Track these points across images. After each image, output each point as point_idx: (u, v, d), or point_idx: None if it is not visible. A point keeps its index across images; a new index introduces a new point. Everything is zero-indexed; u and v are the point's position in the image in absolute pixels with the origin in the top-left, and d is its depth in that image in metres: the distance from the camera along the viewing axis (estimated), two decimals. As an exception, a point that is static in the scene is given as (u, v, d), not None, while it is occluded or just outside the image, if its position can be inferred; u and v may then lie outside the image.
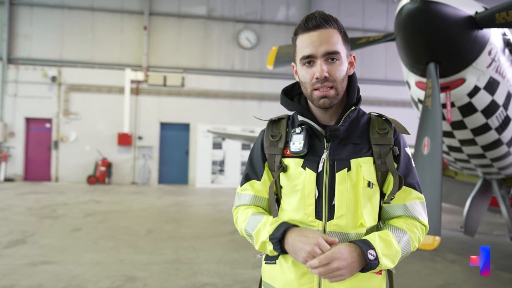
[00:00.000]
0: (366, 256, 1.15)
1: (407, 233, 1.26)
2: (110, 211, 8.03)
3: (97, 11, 13.27)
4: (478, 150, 3.99)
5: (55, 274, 4.20)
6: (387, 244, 1.20)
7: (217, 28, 13.97)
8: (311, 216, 1.26)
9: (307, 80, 1.25)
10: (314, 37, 1.22)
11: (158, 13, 13.55)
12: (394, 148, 1.28)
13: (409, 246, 1.26)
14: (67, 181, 12.94)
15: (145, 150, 13.37)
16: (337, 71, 1.23)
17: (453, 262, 5.14)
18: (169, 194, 11.20)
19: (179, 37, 13.71)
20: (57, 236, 5.89)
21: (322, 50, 1.21)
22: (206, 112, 13.65)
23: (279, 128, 1.37)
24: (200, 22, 13.87)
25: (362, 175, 1.25)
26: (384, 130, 1.30)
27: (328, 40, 1.22)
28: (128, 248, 5.33)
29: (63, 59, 13.09)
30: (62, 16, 13.09)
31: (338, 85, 1.24)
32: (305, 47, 1.23)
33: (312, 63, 1.23)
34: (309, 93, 1.26)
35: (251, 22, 14.15)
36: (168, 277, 4.24)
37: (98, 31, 13.28)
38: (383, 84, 14.65)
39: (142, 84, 13.34)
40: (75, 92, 13.05)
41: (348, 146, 1.28)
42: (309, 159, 1.28)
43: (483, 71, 3.28)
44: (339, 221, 1.24)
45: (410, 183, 1.31)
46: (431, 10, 2.89)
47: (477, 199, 5.06)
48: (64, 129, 13.02)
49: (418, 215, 1.31)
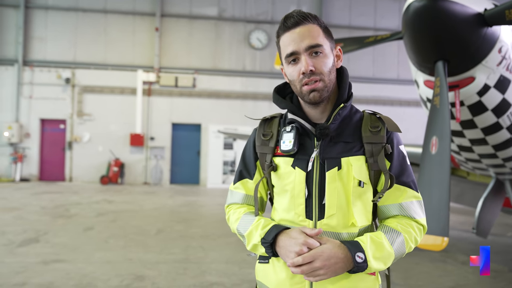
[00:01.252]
0: (354, 259, 1.14)
1: (401, 234, 1.23)
2: (122, 211, 8.12)
3: (110, 13, 13.44)
4: (490, 150, 3.92)
5: (66, 273, 4.27)
6: (379, 247, 1.18)
7: (228, 29, 14.02)
8: (302, 216, 1.25)
9: (294, 78, 1.24)
10: (295, 34, 1.22)
11: (169, 14, 13.65)
12: (386, 146, 1.25)
13: (404, 247, 1.24)
14: (80, 181, 13.13)
15: (157, 150, 13.48)
16: (323, 64, 1.22)
17: (464, 263, 5.06)
18: (181, 194, 11.27)
19: (190, 38, 13.79)
20: (70, 235, 5.98)
21: (304, 45, 1.20)
22: (217, 112, 13.71)
23: (271, 127, 1.36)
24: (211, 23, 13.93)
25: (352, 174, 1.23)
26: (377, 128, 1.27)
27: (308, 34, 1.21)
28: (138, 247, 5.39)
29: (77, 61, 13.29)
30: (76, 18, 13.30)
31: (326, 77, 1.22)
32: (287, 46, 1.23)
33: (297, 60, 1.23)
34: (298, 89, 1.25)
35: (262, 22, 14.16)
36: (176, 276, 4.26)
37: (111, 33, 13.45)
38: (396, 84, 14.49)
39: (154, 85, 13.46)
40: (88, 93, 13.25)
41: (339, 145, 1.26)
42: (299, 158, 1.27)
43: (493, 69, 3.22)
44: (330, 220, 1.23)
45: (405, 182, 1.28)
46: (438, 8, 2.85)
47: (490, 200, 4.97)
48: (77, 130, 13.22)
49: (414, 214, 1.28)
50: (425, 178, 3.02)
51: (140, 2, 13.54)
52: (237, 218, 1.35)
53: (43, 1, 13.21)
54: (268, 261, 1.31)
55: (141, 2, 13.54)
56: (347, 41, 4.34)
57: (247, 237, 1.29)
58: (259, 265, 1.36)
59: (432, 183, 2.96)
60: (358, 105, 13.56)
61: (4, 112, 13.03)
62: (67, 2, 13.27)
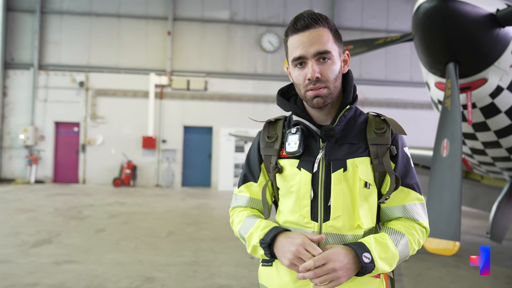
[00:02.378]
0: (361, 259, 1.12)
1: (405, 236, 1.22)
2: (133, 213, 8.19)
3: (123, 17, 13.61)
4: (503, 153, 3.84)
5: (77, 274, 4.32)
6: (384, 247, 1.17)
7: (239, 32, 14.07)
8: (307, 218, 1.24)
9: (300, 82, 1.24)
10: (304, 38, 1.20)
11: (181, 18, 13.77)
12: (391, 147, 1.25)
13: (407, 249, 1.22)
14: (93, 183, 13.28)
15: (169, 153, 13.58)
16: (329, 71, 1.21)
17: (477, 268, 4.95)
18: (192, 196, 11.32)
19: (202, 42, 13.87)
20: (82, 236, 6.05)
21: (312, 50, 1.19)
22: (229, 115, 13.74)
23: (276, 129, 1.36)
24: (223, 26, 14.00)
25: (358, 176, 1.23)
26: (382, 129, 1.27)
27: (318, 40, 1.19)
28: (148, 249, 5.42)
29: (91, 65, 13.48)
30: (90, 23, 13.50)
31: (331, 84, 1.22)
32: (295, 48, 1.22)
33: (304, 64, 1.22)
34: (302, 94, 1.25)
35: (273, 25, 14.17)
36: (185, 279, 4.28)
37: (124, 36, 13.61)
38: (409, 86, 14.34)
39: (166, 88, 13.57)
40: (101, 97, 13.42)
41: (344, 146, 1.26)
42: (304, 159, 1.26)
43: (506, 71, 3.16)
44: (335, 222, 1.22)
45: (409, 184, 1.27)
46: (449, 8, 2.81)
47: (504, 204, 4.87)
48: (91, 132, 13.39)
49: (418, 216, 1.27)
50: (436, 181, 2.97)
51: (153, 6, 13.68)
52: (240, 220, 1.35)
53: (58, 6, 13.45)
54: (272, 264, 1.30)
55: (154, 6, 13.68)
56: (356, 43, 4.31)
57: (248, 239, 1.29)
58: (262, 268, 1.35)
59: (443, 187, 2.91)
60: (370, 107, 13.50)
61: (19, 115, 13.27)
62: (82, 7, 13.48)
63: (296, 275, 1.22)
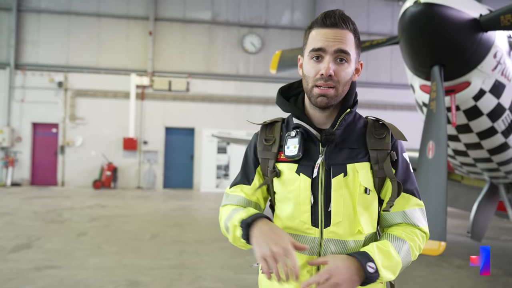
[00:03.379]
0: (365, 269, 1.10)
1: (406, 242, 1.21)
2: (115, 216, 8.05)
3: (103, 17, 13.38)
4: (484, 154, 3.94)
5: (59, 279, 4.20)
6: (387, 256, 1.16)
7: (221, 33, 14.02)
8: (307, 224, 1.22)
9: (311, 75, 1.21)
10: (329, 33, 1.19)
11: (163, 18, 13.62)
12: (391, 153, 1.24)
13: (409, 255, 1.22)
14: (73, 185, 13.00)
15: (150, 154, 13.41)
16: (343, 73, 1.20)
17: (459, 267, 5.08)
18: (174, 198, 11.20)
19: (184, 42, 13.77)
20: (62, 240, 5.90)
21: (334, 47, 1.18)
22: (211, 116, 13.67)
23: (273, 131, 1.33)
24: (205, 27, 13.92)
25: (358, 181, 1.21)
26: (381, 134, 1.26)
27: (342, 39, 1.18)
28: (132, 253, 5.33)
29: (70, 65, 13.19)
30: (68, 22, 13.21)
31: (340, 87, 1.20)
32: (317, 40, 1.19)
33: (321, 59, 1.20)
34: (309, 88, 1.22)
35: (255, 26, 14.18)
36: (171, 282, 4.22)
37: (104, 36, 13.38)
38: (389, 88, 14.57)
39: (147, 89, 13.40)
40: (81, 97, 13.14)
41: (344, 151, 1.24)
42: (303, 164, 1.24)
43: (489, 74, 3.24)
44: (336, 228, 1.21)
45: (409, 189, 1.27)
46: (435, 13, 2.86)
47: (484, 204, 4.99)
48: (70, 134, 13.10)
49: (418, 222, 1.26)
50: (422, 182, 3.01)
51: (134, 6, 13.49)
52: (227, 212, 1.30)
53: (35, 4, 13.11)
54: (273, 271, 1.28)
55: (135, 6, 13.49)
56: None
57: (231, 224, 1.23)
58: (262, 275, 1.33)
59: (429, 188, 2.96)
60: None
61: (-5, 116, 12.89)
62: (60, 6, 13.17)
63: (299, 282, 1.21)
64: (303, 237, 1.24)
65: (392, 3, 14.85)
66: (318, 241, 1.22)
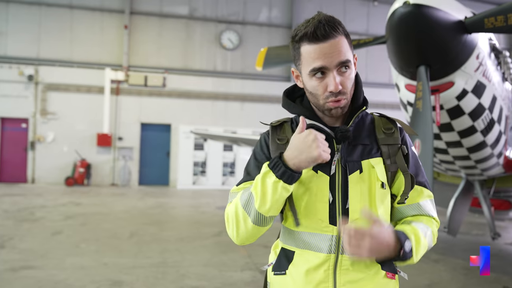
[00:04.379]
0: (404, 247, 1.13)
1: (429, 228, 1.27)
2: (91, 214, 7.85)
3: (76, 9, 12.96)
4: (464, 152, 4.07)
5: (37, 280, 4.06)
6: (417, 238, 1.19)
7: (199, 29, 13.87)
8: (325, 222, 1.22)
9: (319, 93, 1.20)
10: (326, 49, 1.15)
11: (139, 12, 13.34)
12: (402, 147, 1.27)
13: (431, 241, 1.27)
14: (43, 182, 12.56)
15: (125, 151, 13.14)
16: (348, 81, 1.20)
17: (437, 262, 5.24)
18: (150, 195, 11.03)
19: (160, 37, 13.53)
20: (37, 239, 5.70)
21: (335, 61, 1.16)
22: (187, 112, 13.52)
23: (284, 131, 1.32)
24: (182, 22, 13.73)
25: (376, 176, 1.23)
26: (390, 130, 1.28)
27: (339, 49, 1.16)
28: (112, 252, 5.21)
29: (40, 58, 12.72)
30: (39, 13, 12.72)
31: (349, 94, 1.22)
32: (315, 59, 1.17)
33: (324, 75, 1.18)
34: (321, 104, 1.22)
35: (233, 23, 14.11)
36: (155, 281, 4.16)
37: (77, 29, 12.97)
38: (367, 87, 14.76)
39: (123, 84, 13.10)
40: (53, 92, 12.69)
41: (357, 148, 1.25)
42: None
43: (471, 75, 3.34)
44: (354, 225, 1.22)
45: (421, 182, 1.31)
46: (423, 14, 2.92)
47: (460, 200, 5.17)
48: (41, 129, 12.65)
49: (432, 212, 1.32)
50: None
51: (108, -2, 13.15)
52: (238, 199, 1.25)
53: (3, -6, 12.57)
54: (285, 272, 1.26)
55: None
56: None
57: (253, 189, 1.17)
58: (274, 277, 1.30)
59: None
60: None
61: (-41, 110, 12.29)
62: (30, -4, 12.68)
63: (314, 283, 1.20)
64: (320, 236, 1.23)
65: (368, 3, 15.10)
66: (336, 239, 1.21)
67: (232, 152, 13.53)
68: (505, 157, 4.56)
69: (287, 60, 5.11)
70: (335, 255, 1.21)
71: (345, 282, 1.20)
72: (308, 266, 1.22)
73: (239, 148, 13.31)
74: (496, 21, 2.94)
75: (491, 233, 5.18)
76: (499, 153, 4.33)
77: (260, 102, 14.05)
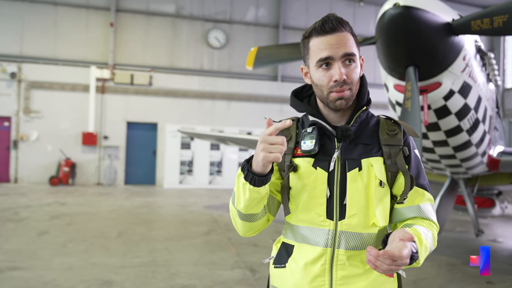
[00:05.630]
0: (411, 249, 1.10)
1: (430, 231, 1.27)
2: (77, 213, 7.75)
3: (61, 5, 12.75)
4: (450, 151, 4.17)
5: (25, 281, 4.01)
6: (420, 240, 1.18)
7: (186, 27, 13.80)
8: (322, 216, 1.26)
9: (324, 83, 1.25)
10: (332, 40, 1.22)
11: (125, 9, 13.21)
12: (404, 148, 1.29)
13: (432, 244, 1.27)
14: (27, 182, 12.34)
15: (111, 150, 13.00)
16: (354, 73, 1.25)
17: (423, 258, 5.33)
18: (137, 195, 10.95)
19: (147, 35, 13.43)
20: (23, 240, 5.62)
21: (340, 52, 1.22)
22: (174, 111, 13.45)
23: (289, 129, 1.36)
24: (169, 20, 13.65)
25: (374, 174, 1.26)
26: (394, 131, 1.31)
27: (345, 42, 1.23)
28: (100, 251, 5.17)
29: (24, 55, 12.48)
30: (22, 9, 12.47)
31: (354, 87, 1.26)
32: (322, 50, 1.23)
33: (330, 66, 1.24)
34: (325, 95, 1.26)
35: (220, 21, 14.08)
36: (145, 280, 4.14)
37: (62, 26, 12.76)
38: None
39: (108, 82, 12.95)
40: (36, 90, 12.47)
41: (358, 146, 1.29)
42: (320, 158, 1.28)
43: (458, 76, 3.43)
44: (351, 220, 1.24)
45: (422, 184, 1.32)
46: (413, 16, 2.99)
47: (445, 198, 5.28)
48: (24, 128, 12.41)
49: (431, 216, 1.32)
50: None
51: (94, -5, 12.98)
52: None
53: (-15, -11, 12.29)
54: (285, 265, 1.31)
55: (95, -5, 12.99)
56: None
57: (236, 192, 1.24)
58: (274, 270, 1.35)
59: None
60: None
61: None
62: (13, -8, 12.43)
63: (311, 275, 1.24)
64: (317, 230, 1.27)
65: (354, 4, 15.26)
66: (332, 233, 1.25)
67: (219, 151, 13.51)
68: (488, 156, 4.67)
69: (277, 59, 5.14)
70: (331, 250, 1.25)
71: (341, 276, 1.24)
72: (306, 260, 1.26)
73: (226, 147, 13.31)
74: (482, 23, 3.02)
75: (474, 230, 5.30)
76: (483, 152, 4.44)
77: (247, 101, 14.07)
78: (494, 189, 6.30)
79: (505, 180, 5.38)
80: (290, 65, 13.83)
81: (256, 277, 4.34)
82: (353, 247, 1.25)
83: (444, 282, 4.49)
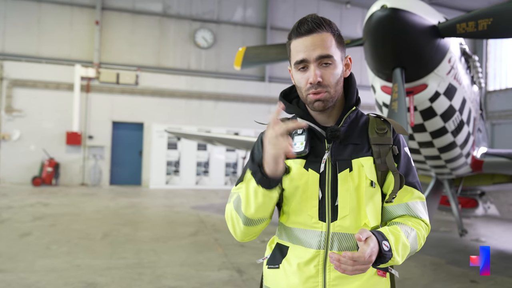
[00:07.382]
0: (381, 246, 1.13)
1: (414, 229, 1.27)
2: (60, 214, 7.62)
3: (44, 2, 12.54)
4: (435, 152, 4.22)
5: (7, 283, 3.92)
6: (397, 238, 1.19)
7: (173, 26, 13.71)
8: (315, 218, 1.25)
9: (302, 85, 1.26)
10: (307, 42, 1.22)
11: (111, 8, 13.06)
12: (393, 147, 1.29)
13: (416, 243, 1.27)
14: (9, 182, 12.08)
15: (96, 150, 12.83)
16: (331, 76, 1.23)
17: (407, 258, 5.39)
18: (122, 195, 10.82)
19: (133, 34, 13.30)
20: (5, 241, 5.50)
21: (315, 54, 1.21)
22: (161, 111, 13.34)
23: None
24: (156, 19, 13.54)
25: (364, 174, 1.25)
26: (383, 130, 1.31)
27: (321, 44, 1.22)
28: (84, 253, 5.09)
29: (6, 52, 12.23)
30: (4, 5, 12.22)
31: (332, 89, 1.24)
32: (298, 52, 1.24)
33: (306, 68, 1.24)
34: (304, 97, 1.27)
35: (207, 21, 14.03)
36: (131, 282, 4.09)
37: (46, 24, 12.55)
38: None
39: (93, 81, 12.78)
40: (19, 88, 12.22)
41: (348, 147, 1.29)
42: (311, 160, 1.27)
43: (443, 78, 3.47)
44: (343, 222, 1.24)
45: (411, 182, 1.33)
46: (400, 18, 3.01)
47: (430, 198, 5.35)
48: (6, 127, 12.16)
49: (420, 214, 1.32)
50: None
51: (79, -7, 12.80)
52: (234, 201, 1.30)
53: (-34, -15, 12.01)
54: (279, 266, 1.30)
55: (80, -7, 12.80)
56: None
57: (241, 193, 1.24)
58: (268, 271, 1.34)
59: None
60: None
61: None
62: (-5, -12, 12.18)
63: (304, 276, 1.24)
64: (310, 232, 1.26)
65: (341, 6, 15.38)
66: (325, 235, 1.24)
67: (206, 151, 13.46)
68: (472, 157, 4.75)
69: (265, 60, 5.14)
70: (324, 251, 1.24)
71: (334, 277, 1.24)
72: (300, 261, 1.26)
73: (213, 148, 13.26)
74: (467, 26, 3.06)
75: (459, 230, 5.38)
76: (467, 153, 4.51)
77: (234, 101, 14.04)
78: (477, 190, 6.41)
79: (488, 180, 5.48)
80: (278, 65, 13.86)
81: (244, 278, 4.32)
82: (346, 248, 1.25)
83: (428, 281, 4.54)
